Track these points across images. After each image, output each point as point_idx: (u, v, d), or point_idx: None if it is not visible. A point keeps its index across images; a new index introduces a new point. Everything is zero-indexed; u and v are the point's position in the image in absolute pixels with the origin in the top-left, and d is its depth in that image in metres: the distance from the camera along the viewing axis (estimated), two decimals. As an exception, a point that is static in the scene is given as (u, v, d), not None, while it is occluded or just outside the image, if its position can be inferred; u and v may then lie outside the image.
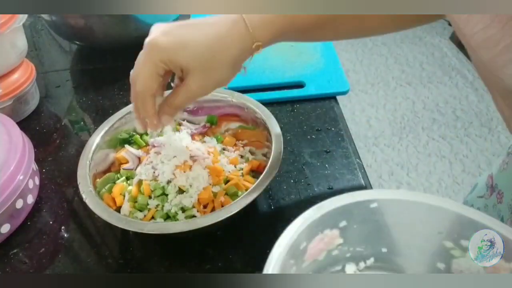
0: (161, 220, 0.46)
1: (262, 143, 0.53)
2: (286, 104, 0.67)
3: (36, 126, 0.69)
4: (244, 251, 0.47)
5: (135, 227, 0.42)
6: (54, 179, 0.58)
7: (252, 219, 0.50)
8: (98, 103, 0.72)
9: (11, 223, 0.49)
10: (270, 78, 0.72)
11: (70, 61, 0.87)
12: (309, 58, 0.76)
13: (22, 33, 0.68)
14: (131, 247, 0.49)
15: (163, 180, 0.48)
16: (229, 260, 0.46)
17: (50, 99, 0.75)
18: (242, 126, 0.57)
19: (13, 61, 0.66)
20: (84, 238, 0.50)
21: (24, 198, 0.51)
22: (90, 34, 0.79)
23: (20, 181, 0.49)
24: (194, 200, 0.47)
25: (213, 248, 0.47)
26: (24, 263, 0.48)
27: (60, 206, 0.55)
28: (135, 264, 0.47)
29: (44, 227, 0.52)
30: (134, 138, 0.55)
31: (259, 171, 0.50)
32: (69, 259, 0.48)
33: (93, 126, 0.68)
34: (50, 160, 0.62)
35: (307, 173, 0.55)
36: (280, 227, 0.49)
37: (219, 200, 0.47)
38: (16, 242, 0.50)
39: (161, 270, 0.46)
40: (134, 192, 0.49)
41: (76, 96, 0.76)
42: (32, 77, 0.70)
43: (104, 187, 0.50)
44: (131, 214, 0.47)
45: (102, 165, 0.52)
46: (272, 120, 0.51)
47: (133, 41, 0.84)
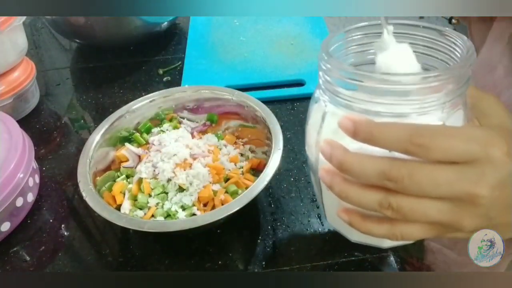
0: (161, 218, 0.46)
1: (262, 141, 0.53)
2: (286, 102, 0.67)
3: (36, 124, 0.69)
4: (244, 249, 0.47)
5: (135, 225, 0.42)
6: (54, 177, 0.58)
7: (252, 217, 0.50)
8: (98, 101, 0.72)
9: (11, 221, 0.49)
10: (270, 76, 0.72)
11: (70, 59, 0.87)
12: (309, 56, 0.76)
13: (22, 31, 0.68)
14: (131, 246, 0.49)
15: (163, 178, 0.49)
16: (229, 258, 0.46)
17: (50, 97, 0.76)
18: (242, 124, 0.57)
19: (13, 59, 0.66)
20: (84, 236, 0.50)
21: (24, 196, 0.51)
22: (90, 32, 0.79)
23: (20, 179, 0.49)
24: (194, 199, 0.47)
25: (213, 246, 0.47)
26: (24, 261, 0.48)
27: (60, 204, 0.55)
28: (135, 263, 0.47)
29: (44, 225, 0.52)
30: (134, 136, 0.55)
31: (259, 169, 0.50)
32: (69, 257, 0.48)
33: (93, 124, 0.68)
34: (50, 158, 0.62)
35: (307, 171, 0.55)
36: (280, 225, 0.49)
37: (219, 198, 0.47)
38: (16, 240, 0.50)
39: (161, 268, 0.46)
40: (134, 190, 0.49)
41: (76, 94, 0.76)
42: (32, 75, 0.70)
43: (104, 185, 0.50)
44: (131, 212, 0.47)
45: (102, 163, 0.52)
46: (272, 118, 0.51)
47: (133, 39, 0.84)
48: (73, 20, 0.77)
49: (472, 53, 0.28)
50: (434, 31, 0.32)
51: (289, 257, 0.45)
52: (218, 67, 0.76)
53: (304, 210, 0.50)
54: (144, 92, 0.70)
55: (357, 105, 0.28)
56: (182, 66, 0.78)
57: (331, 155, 0.29)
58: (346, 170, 0.28)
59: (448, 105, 0.28)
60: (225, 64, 0.77)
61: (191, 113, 0.59)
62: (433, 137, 0.25)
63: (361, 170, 0.27)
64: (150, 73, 0.79)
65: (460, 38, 0.30)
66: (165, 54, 0.85)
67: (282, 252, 0.46)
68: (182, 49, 0.84)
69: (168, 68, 0.79)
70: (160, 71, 0.79)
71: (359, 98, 0.28)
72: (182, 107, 0.59)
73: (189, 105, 0.59)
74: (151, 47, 0.86)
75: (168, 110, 0.58)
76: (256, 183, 0.43)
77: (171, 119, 0.58)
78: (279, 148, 0.47)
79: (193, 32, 0.88)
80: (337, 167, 0.28)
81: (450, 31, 0.31)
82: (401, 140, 0.26)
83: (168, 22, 0.86)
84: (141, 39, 0.84)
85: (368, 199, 0.28)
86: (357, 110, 0.28)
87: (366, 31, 0.34)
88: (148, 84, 0.76)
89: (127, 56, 0.84)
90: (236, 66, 0.75)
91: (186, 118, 0.59)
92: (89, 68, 0.83)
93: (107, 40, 0.82)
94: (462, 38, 0.30)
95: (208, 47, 0.82)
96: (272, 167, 0.45)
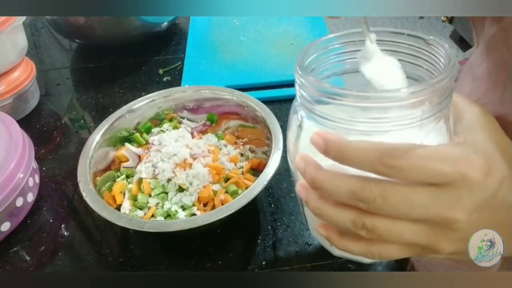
0: (161, 218, 0.46)
1: (262, 141, 0.53)
2: (286, 102, 0.67)
3: (36, 124, 0.69)
4: (244, 249, 0.47)
5: (135, 225, 0.42)
6: (54, 177, 0.58)
7: (252, 217, 0.50)
8: (98, 101, 0.72)
9: (11, 221, 0.49)
10: (271, 76, 0.72)
11: (70, 59, 0.87)
12: (309, 56, 0.76)
13: (22, 31, 0.68)
14: (131, 246, 0.49)
15: (163, 178, 0.49)
16: (229, 258, 0.46)
17: (50, 97, 0.76)
18: (243, 124, 0.57)
19: (13, 59, 0.66)
20: (84, 236, 0.50)
21: (24, 196, 0.51)
22: (90, 32, 0.79)
23: (20, 179, 0.49)
24: (194, 199, 0.47)
25: (213, 246, 0.47)
26: (24, 261, 0.48)
27: (60, 204, 0.55)
28: (135, 263, 0.47)
29: (44, 225, 0.52)
30: (134, 136, 0.55)
31: (259, 169, 0.50)
32: (69, 257, 0.48)
33: (93, 124, 0.68)
34: (50, 158, 0.62)
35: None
36: (280, 225, 0.49)
37: (219, 198, 0.47)
38: (16, 240, 0.50)
39: (161, 268, 0.46)
40: (134, 190, 0.49)
41: (76, 94, 0.76)
42: (32, 75, 0.70)
43: (104, 185, 0.50)
44: (131, 212, 0.47)
45: (102, 163, 0.52)
46: (272, 118, 0.51)
47: (133, 39, 0.84)
48: (73, 20, 0.77)
49: (453, 64, 0.27)
50: (419, 39, 0.31)
51: (289, 257, 0.45)
52: (218, 67, 0.76)
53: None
54: (144, 92, 0.70)
55: (332, 122, 0.27)
56: (182, 66, 0.78)
57: (305, 171, 0.28)
58: (317, 187, 0.27)
59: (429, 120, 0.26)
60: (225, 64, 0.77)
61: (191, 113, 0.59)
62: (405, 158, 0.24)
63: (332, 188, 0.26)
64: (150, 73, 0.79)
65: (442, 47, 0.29)
66: (165, 54, 0.85)
67: (282, 252, 0.46)
68: (182, 49, 0.84)
69: (168, 68, 0.79)
70: (160, 71, 0.79)
71: (334, 115, 0.27)
72: (182, 107, 0.59)
73: (189, 105, 0.59)
74: (151, 47, 0.86)
75: (168, 110, 0.58)
76: (256, 183, 0.43)
77: (171, 119, 0.58)
78: (279, 148, 0.47)
79: (193, 32, 0.88)
80: (309, 184, 0.28)
81: (434, 40, 0.30)
82: (372, 161, 0.24)
83: (168, 22, 0.86)
84: (141, 39, 0.84)
85: (342, 218, 0.27)
86: (332, 127, 0.27)
87: (348, 39, 0.33)
88: (148, 84, 0.76)
89: (127, 56, 0.84)
90: (236, 66, 0.75)
91: (186, 118, 0.59)
92: (89, 68, 0.83)
93: (107, 40, 0.82)
94: (444, 47, 0.29)
95: (208, 47, 0.82)
96: (272, 167, 0.45)
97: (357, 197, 0.25)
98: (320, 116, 0.28)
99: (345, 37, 0.33)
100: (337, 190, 0.26)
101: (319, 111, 0.28)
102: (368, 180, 0.25)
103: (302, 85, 0.28)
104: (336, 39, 0.33)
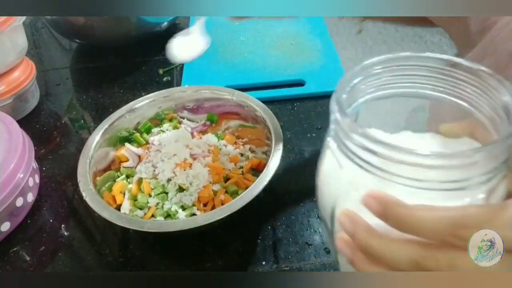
0: (161, 218, 0.46)
1: (262, 141, 0.53)
2: (286, 102, 0.67)
3: (36, 124, 0.69)
4: (244, 249, 0.47)
5: (135, 225, 0.42)
6: (54, 177, 0.58)
7: (252, 217, 0.50)
8: (98, 101, 0.72)
9: (11, 221, 0.49)
10: (270, 76, 0.72)
11: (70, 59, 0.87)
12: (309, 56, 0.76)
13: (22, 31, 0.68)
14: (131, 245, 0.49)
15: (163, 178, 0.49)
16: (229, 259, 0.46)
17: (50, 97, 0.76)
18: (242, 124, 0.57)
19: (13, 59, 0.66)
20: (84, 236, 0.50)
21: (24, 196, 0.51)
22: (90, 32, 0.79)
23: (20, 179, 0.49)
24: (194, 199, 0.47)
25: (213, 246, 0.47)
26: (24, 261, 0.48)
27: (60, 204, 0.55)
28: (135, 263, 0.47)
29: (44, 225, 0.52)
30: (134, 136, 0.55)
31: (259, 169, 0.50)
32: (69, 257, 0.48)
33: (93, 124, 0.68)
34: (50, 158, 0.62)
35: (307, 171, 0.55)
36: (281, 225, 0.49)
37: (219, 198, 0.47)
38: (16, 240, 0.50)
39: (161, 268, 0.46)
40: (134, 190, 0.49)
41: (76, 94, 0.76)
42: (32, 75, 0.70)
43: (104, 185, 0.50)
44: (131, 212, 0.47)
45: (102, 163, 0.52)
46: (272, 118, 0.51)
47: (133, 39, 0.84)
48: (73, 20, 0.77)
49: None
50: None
51: (289, 257, 0.45)
52: (218, 67, 0.76)
53: (304, 210, 0.50)
54: (144, 92, 0.70)
55: (376, 171, 0.23)
56: (182, 66, 0.78)
57: (354, 233, 0.25)
58: (372, 255, 0.24)
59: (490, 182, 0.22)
60: (225, 64, 0.77)
61: (191, 113, 0.59)
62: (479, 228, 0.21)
63: (389, 256, 0.23)
64: (150, 73, 0.79)
65: (502, 83, 0.24)
66: (165, 54, 0.84)
67: (282, 252, 0.46)
68: (182, 49, 0.83)
69: (168, 68, 0.79)
70: (160, 71, 0.79)
71: (380, 166, 0.23)
72: (182, 107, 0.59)
73: (189, 105, 0.59)
74: (151, 47, 0.86)
75: (168, 110, 0.58)
76: (256, 183, 0.44)
77: (171, 119, 0.58)
78: (279, 148, 0.47)
79: (193, 32, 0.87)
80: (360, 248, 0.25)
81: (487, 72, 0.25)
82: (441, 232, 0.22)
83: (168, 22, 0.86)
84: (141, 39, 0.84)
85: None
86: (376, 174, 0.23)
87: (387, 64, 0.28)
88: (148, 84, 0.76)
89: (127, 56, 0.84)
90: (236, 66, 0.75)
91: (186, 118, 0.59)
92: (89, 68, 0.83)
93: (108, 40, 0.82)
94: (505, 84, 0.24)
95: (208, 47, 0.82)
96: (272, 167, 0.45)
97: (420, 266, 0.23)
98: (363, 162, 0.24)
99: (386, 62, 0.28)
100: (394, 258, 0.23)
101: (360, 158, 0.24)
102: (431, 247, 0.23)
103: (340, 130, 0.24)
104: (376, 64, 0.28)
